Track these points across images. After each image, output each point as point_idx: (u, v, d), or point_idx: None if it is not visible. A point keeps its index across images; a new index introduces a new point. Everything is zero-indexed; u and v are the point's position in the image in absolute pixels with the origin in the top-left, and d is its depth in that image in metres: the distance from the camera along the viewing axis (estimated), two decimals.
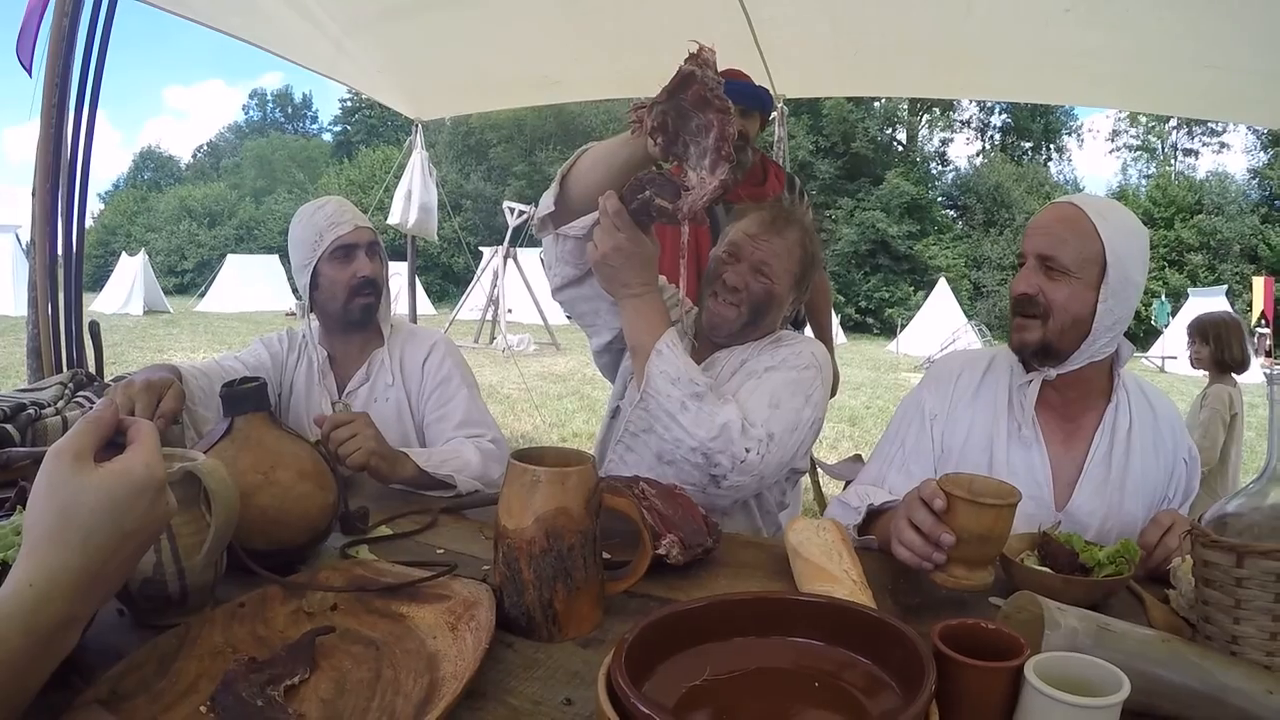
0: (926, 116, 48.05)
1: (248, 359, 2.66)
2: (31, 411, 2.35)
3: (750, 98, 3.69)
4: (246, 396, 1.60)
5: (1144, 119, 43.37)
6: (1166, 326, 23.27)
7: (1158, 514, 1.78)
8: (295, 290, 2.72)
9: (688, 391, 1.87)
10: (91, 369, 3.20)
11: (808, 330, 4.20)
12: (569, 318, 2.31)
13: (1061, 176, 47.69)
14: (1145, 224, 1.95)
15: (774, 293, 2.23)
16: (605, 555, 1.45)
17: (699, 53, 1.54)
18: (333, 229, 2.55)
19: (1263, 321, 24.51)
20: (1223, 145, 44.49)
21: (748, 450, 1.88)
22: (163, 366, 2.17)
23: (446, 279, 43.02)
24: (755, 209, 2.31)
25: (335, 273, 2.55)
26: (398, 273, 3.17)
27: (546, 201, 2.00)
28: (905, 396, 2.22)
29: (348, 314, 2.58)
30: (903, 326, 26.20)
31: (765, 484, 2.04)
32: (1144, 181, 43.93)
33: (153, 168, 74.02)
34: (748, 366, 2.17)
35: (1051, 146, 49.51)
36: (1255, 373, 6.61)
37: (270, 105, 78.70)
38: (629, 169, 1.82)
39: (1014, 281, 1.95)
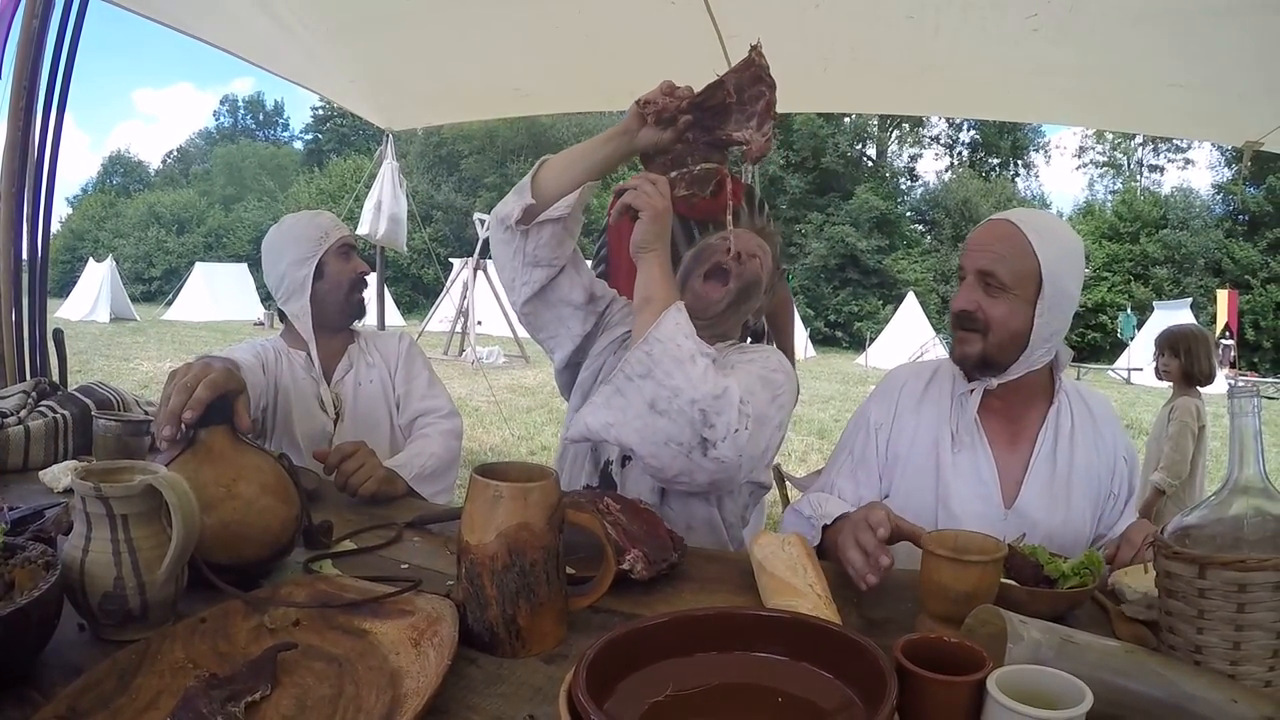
0: (896, 132, 48.40)
1: (246, 360, 2.68)
2: None
3: None
4: (209, 409, 1.58)
5: (1110, 136, 43.91)
6: (1132, 339, 23.52)
7: (1128, 531, 1.82)
8: (264, 300, 2.80)
9: (700, 349, 1.85)
10: (55, 377, 3.16)
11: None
12: (529, 333, 2.36)
13: (1029, 192, 48.19)
14: (1111, 238, 2.01)
15: (760, 280, 2.28)
16: (569, 571, 1.44)
17: (757, 45, 2.10)
18: (337, 229, 2.84)
19: (1227, 333, 24.80)
20: (1187, 161, 45.15)
21: (742, 426, 1.82)
22: (216, 358, 2.14)
23: (416, 290, 42.82)
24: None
25: (341, 266, 2.82)
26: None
27: (521, 199, 2.10)
28: (857, 409, 2.27)
29: (348, 305, 2.88)
30: (871, 340, 26.32)
31: (736, 480, 1.97)
32: (1110, 196, 44.45)
33: (121, 173, 73.31)
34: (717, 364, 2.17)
35: (1019, 162, 49.97)
36: (1218, 384, 6.68)
37: (242, 111, 78.22)
38: (609, 164, 2.09)
39: (955, 298, 2.00)
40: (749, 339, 2.47)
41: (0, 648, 1.08)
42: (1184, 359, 5.15)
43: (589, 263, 2.69)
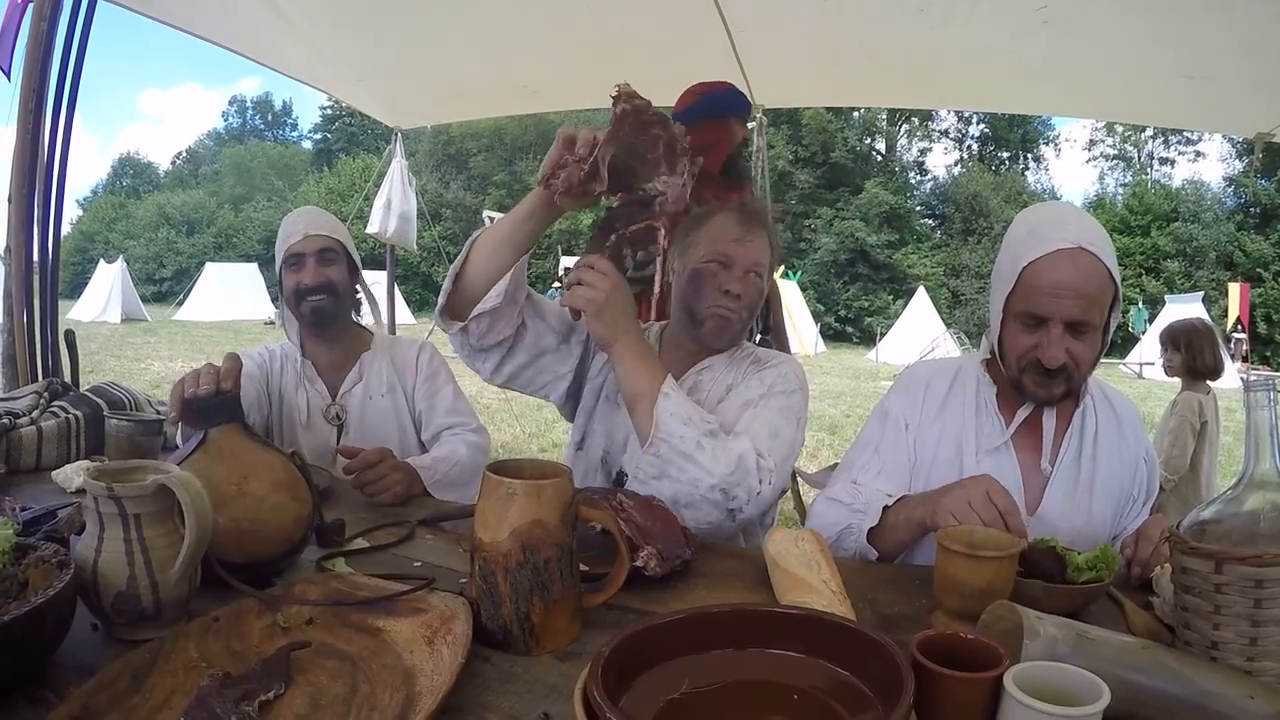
0: (905, 126, 48.31)
1: (255, 364, 2.73)
2: (6, 421, 2.32)
3: (718, 108, 3.69)
4: (220, 408, 1.60)
5: (1120, 128, 43.70)
6: (1144, 333, 23.41)
7: (1145, 527, 1.77)
8: (275, 299, 2.78)
9: (702, 430, 1.86)
10: (67, 378, 3.17)
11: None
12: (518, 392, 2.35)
13: (1039, 185, 48.00)
14: (1122, 232, 1.96)
15: (763, 290, 2.24)
16: (583, 568, 1.44)
17: (620, 91, 1.78)
18: (286, 240, 2.71)
19: (1239, 327, 24.71)
20: (1198, 154, 44.94)
21: (760, 482, 1.88)
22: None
23: (426, 288, 42.76)
24: (721, 211, 2.28)
25: (288, 281, 2.71)
26: (377, 282, 3.17)
27: (440, 301, 2.07)
28: (876, 405, 2.22)
29: (300, 317, 2.72)
30: (882, 335, 26.26)
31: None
32: (1121, 190, 44.29)
33: (131, 174, 73.63)
34: (737, 392, 2.15)
35: (1029, 156, 49.84)
36: (1230, 379, 6.64)
37: (250, 112, 78.45)
38: (535, 237, 2.01)
39: (1035, 347, 1.86)
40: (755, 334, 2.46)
41: (16, 647, 1.08)
42: (1186, 353, 5.12)
43: (555, 285, 2.69)
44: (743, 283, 2.17)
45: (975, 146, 49.53)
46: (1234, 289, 26.18)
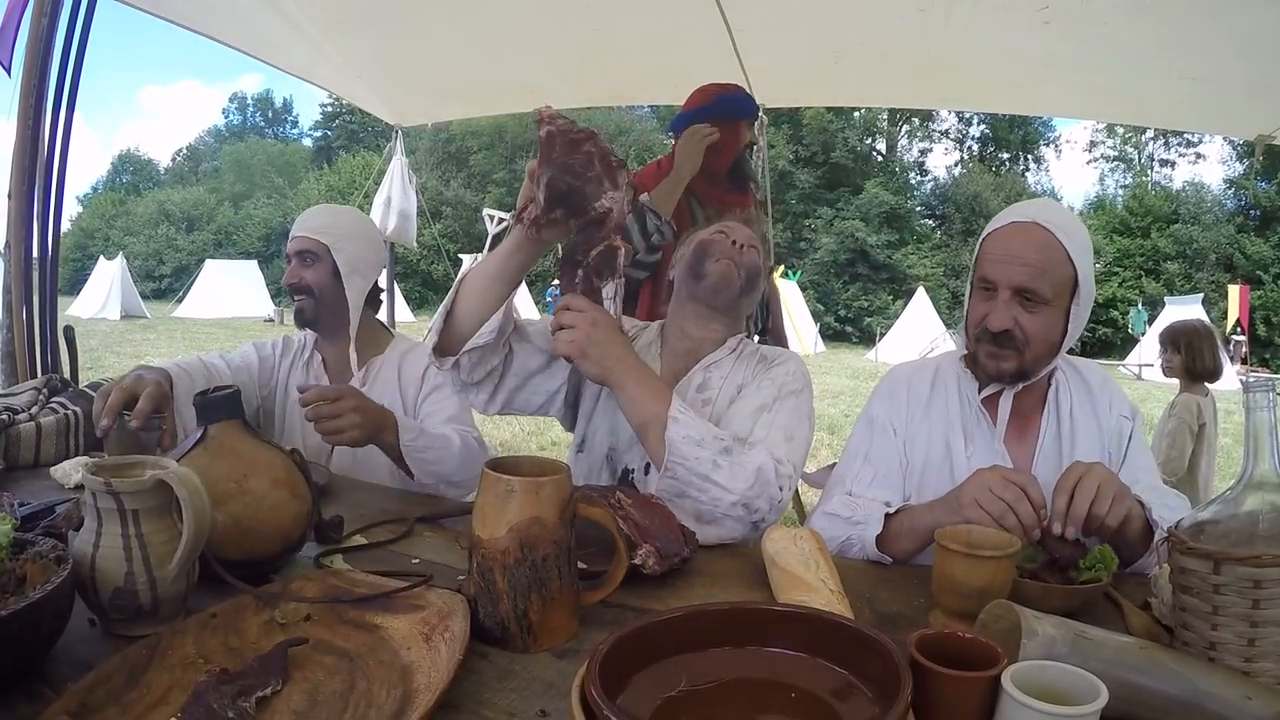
0: (905, 127, 48.36)
1: (234, 359, 2.72)
2: (5, 417, 2.32)
3: (728, 111, 3.70)
4: (220, 404, 1.59)
5: (1121, 130, 43.78)
6: (1143, 335, 23.43)
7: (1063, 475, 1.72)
8: (274, 296, 2.77)
9: (716, 449, 1.85)
10: (66, 374, 3.17)
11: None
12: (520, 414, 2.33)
13: (1039, 186, 48.10)
14: (1122, 233, 1.97)
15: (759, 269, 2.24)
16: (581, 565, 1.44)
17: (541, 114, 1.76)
18: (292, 233, 2.70)
19: (1238, 329, 24.71)
20: (1199, 156, 45.02)
21: (780, 489, 1.89)
22: (150, 369, 2.23)
23: (426, 286, 42.84)
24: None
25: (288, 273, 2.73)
26: None
27: (432, 340, 2.03)
28: (861, 414, 2.22)
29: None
30: (881, 335, 26.26)
31: None
32: (1121, 191, 44.41)
33: (131, 171, 73.69)
34: (749, 394, 2.15)
35: (1029, 157, 49.94)
36: (1230, 381, 6.63)
37: (251, 109, 78.45)
38: (525, 270, 1.97)
39: (986, 315, 1.90)
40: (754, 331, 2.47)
41: (13, 642, 1.08)
42: (1185, 354, 5.12)
43: (554, 283, 2.67)
44: (746, 249, 2.20)
45: (975, 147, 49.64)
46: (1234, 291, 26.19)
